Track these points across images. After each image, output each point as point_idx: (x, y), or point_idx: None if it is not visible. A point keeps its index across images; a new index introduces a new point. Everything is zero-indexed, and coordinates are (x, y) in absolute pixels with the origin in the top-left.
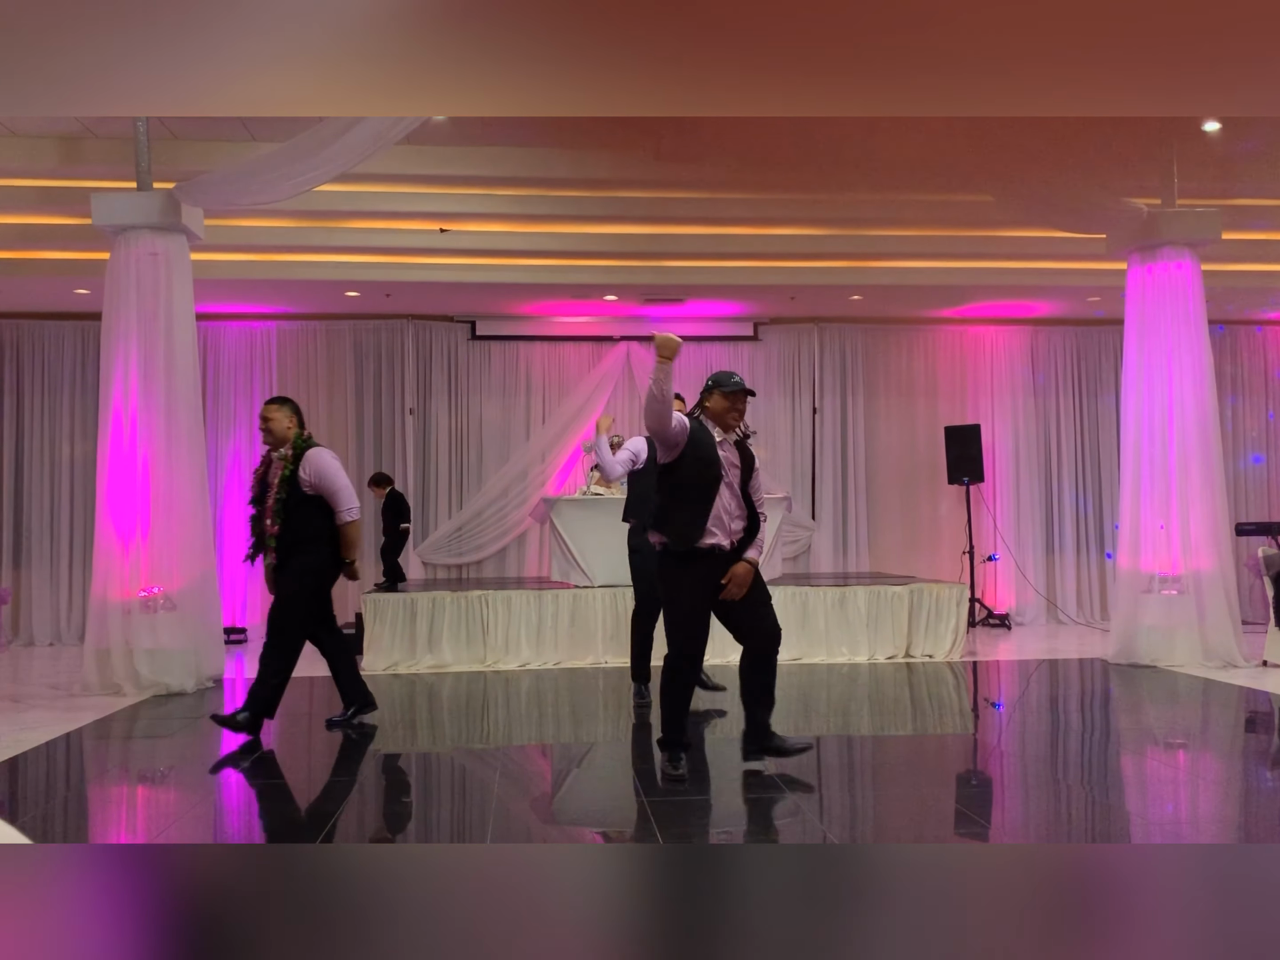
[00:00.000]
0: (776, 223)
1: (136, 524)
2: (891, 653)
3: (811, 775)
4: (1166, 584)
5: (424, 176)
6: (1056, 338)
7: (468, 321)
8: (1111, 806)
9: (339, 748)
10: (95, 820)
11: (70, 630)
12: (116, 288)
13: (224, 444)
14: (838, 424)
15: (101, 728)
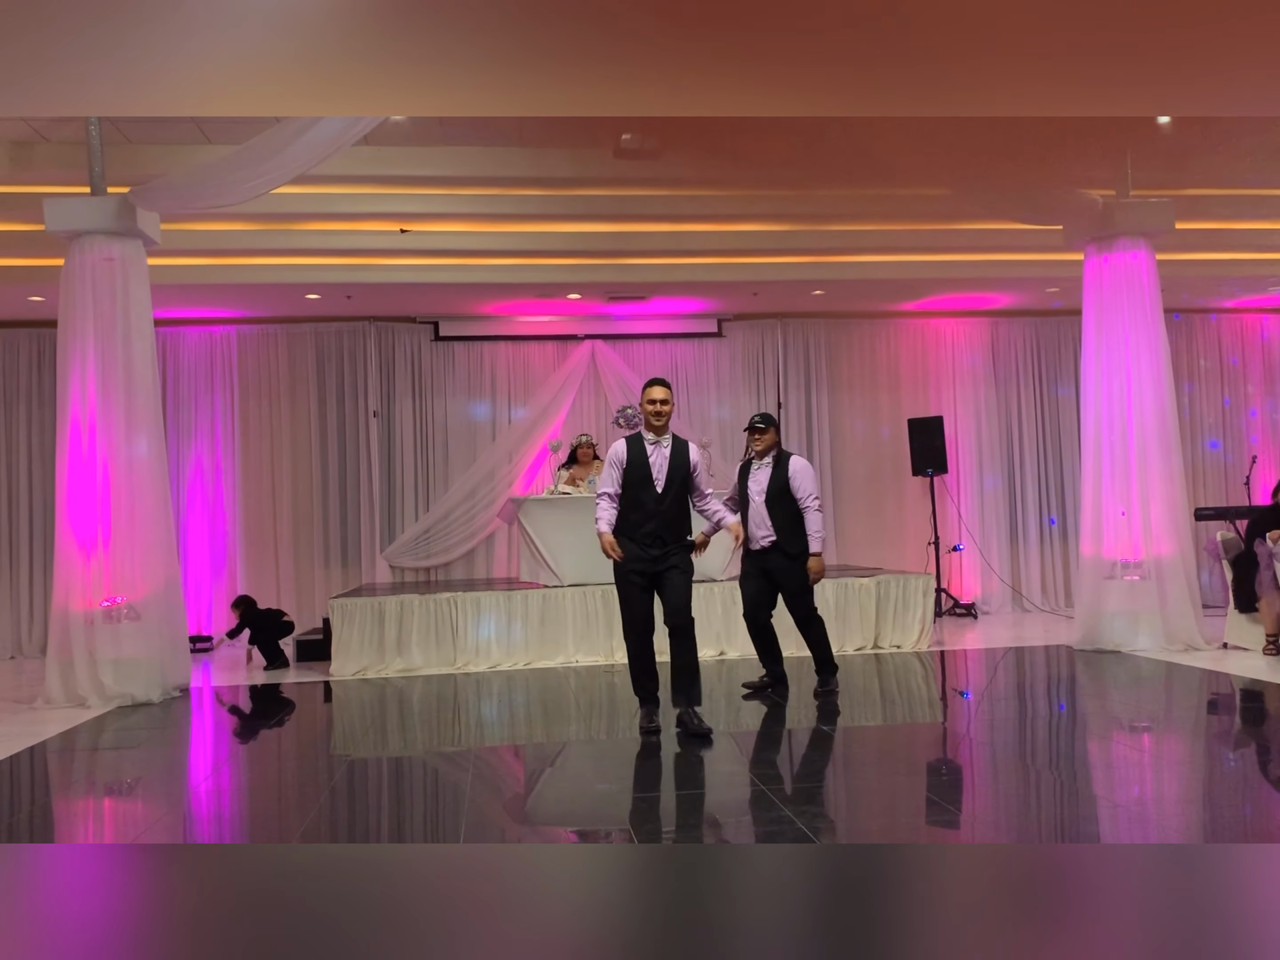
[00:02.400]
0: (739, 219)
1: (98, 533)
2: (860, 644)
3: (785, 767)
4: (1128, 570)
5: (383, 177)
6: (1016, 329)
7: (430, 322)
8: (1079, 790)
9: (308, 756)
10: (62, 833)
11: (32, 642)
12: (72, 294)
13: (185, 450)
14: (802, 418)
15: (67, 740)
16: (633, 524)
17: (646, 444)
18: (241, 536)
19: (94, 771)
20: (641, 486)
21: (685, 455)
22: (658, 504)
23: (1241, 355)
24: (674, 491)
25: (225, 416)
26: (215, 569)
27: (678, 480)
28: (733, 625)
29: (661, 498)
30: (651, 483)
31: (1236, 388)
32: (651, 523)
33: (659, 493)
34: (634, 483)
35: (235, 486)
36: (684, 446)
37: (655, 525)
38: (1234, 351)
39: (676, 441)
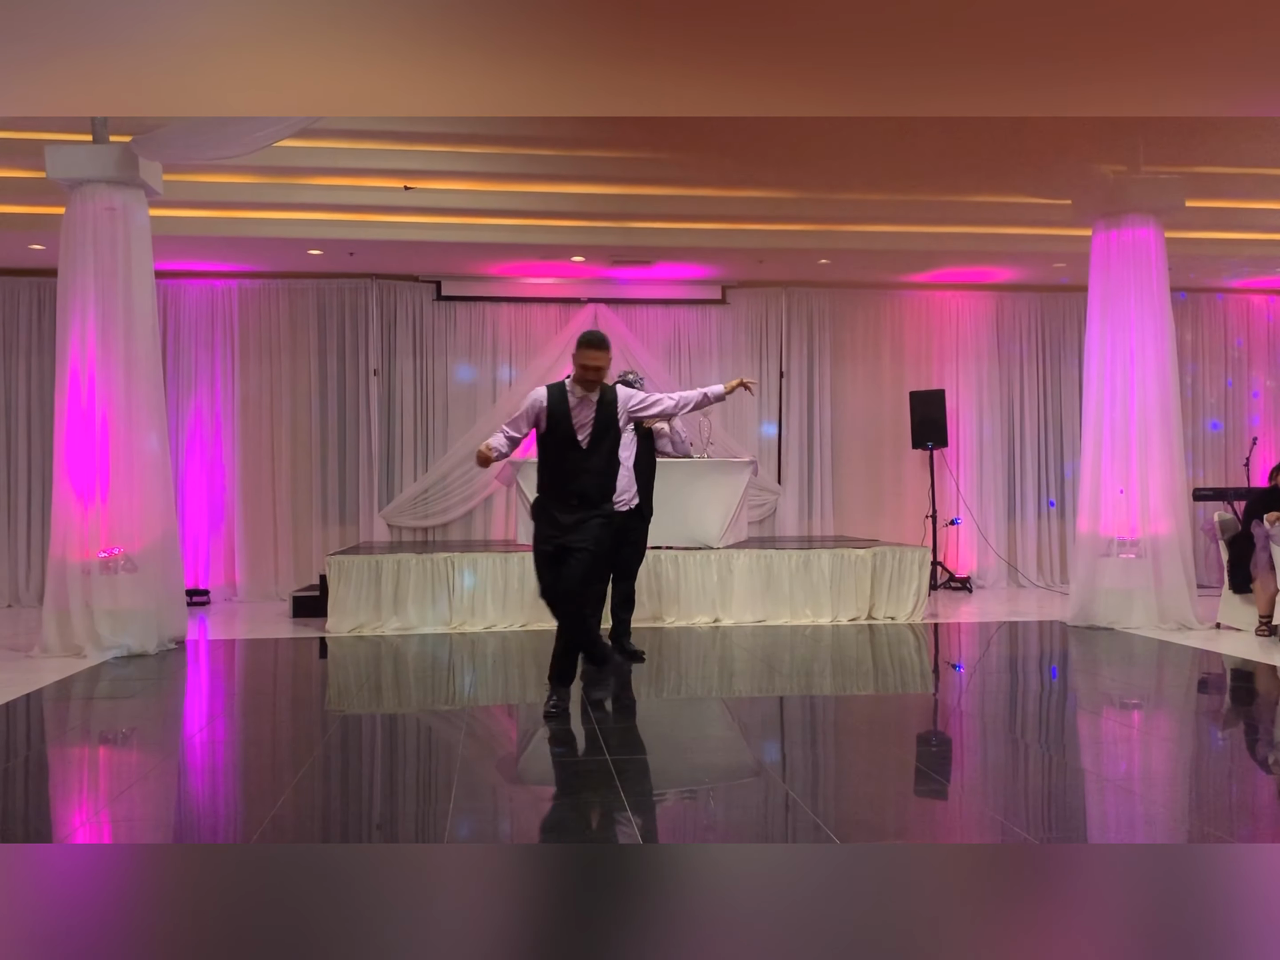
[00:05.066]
0: (745, 185)
1: (96, 484)
2: (854, 614)
3: (775, 734)
4: (1125, 548)
5: (389, 133)
6: (1021, 303)
7: (433, 281)
8: (1067, 764)
9: (302, 710)
10: (56, 780)
11: (29, 591)
12: (73, 243)
13: (185, 403)
14: (804, 388)
15: (62, 688)
16: (555, 486)
17: (571, 396)
18: (240, 491)
19: (89, 720)
20: (564, 444)
21: (614, 406)
22: (582, 461)
23: (1247, 336)
24: (604, 448)
25: (225, 371)
26: (213, 522)
27: (607, 435)
28: (728, 593)
29: (587, 454)
30: (575, 440)
31: (1240, 369)
32: (576, 482)
33: (584, 449)
34: (555, 439)
35: (234, 441)
36: (612, 395)
37: (581, 484)
38: (1239, 332)
39: (605, 391)
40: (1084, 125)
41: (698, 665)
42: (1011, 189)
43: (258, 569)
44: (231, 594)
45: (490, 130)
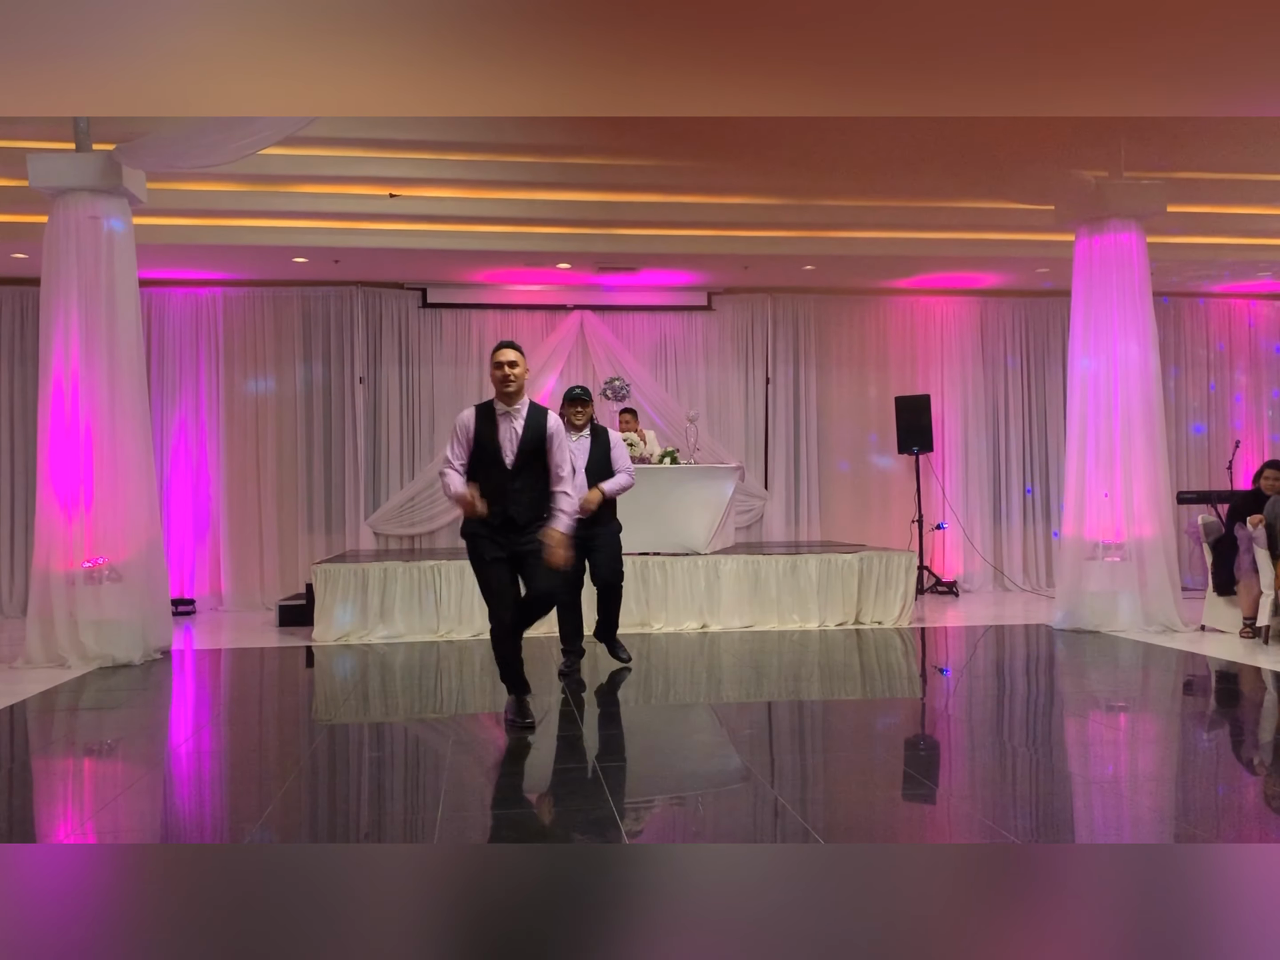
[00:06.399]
0: (731, 192)
1: (80, 493)
2: (841, 619)
3: (763, 740)
4: (1110, 551)
5: (373, 140)
6: (1005, 308)
7: (418, 289)
8: (1054, 767)
9: (288, 720)
10: (40, 792)
11: (13, 602)
12: (56, 252)
13: (170, 412)
14: (790, 394)
15: (47, 700)
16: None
17: (497, 414)
18: (225, 499)
19: (74, 731)
20: (490, 464)
21: (542, 426)
22: (508, 482)
23: (1228, 340)
24: (529, 469)
25: (210, 379)
26: (198, 531)
27: (532, 455)
28: (716, 598)
29: (513, 475)
30: (500, 460)
31: (1222, 372)
32: (499, 505)
33: (509, 470)
34: (481, 459)
35: (219, 450)
36: (541, 415)
37: (506, 508)
38: (1221, 336)
39: (533, 409)
40: (1066, 130)
41: (685, 671)
42: (995, 195)
43: (243, 578)
44: (217, 603)
45: (475, 138)
